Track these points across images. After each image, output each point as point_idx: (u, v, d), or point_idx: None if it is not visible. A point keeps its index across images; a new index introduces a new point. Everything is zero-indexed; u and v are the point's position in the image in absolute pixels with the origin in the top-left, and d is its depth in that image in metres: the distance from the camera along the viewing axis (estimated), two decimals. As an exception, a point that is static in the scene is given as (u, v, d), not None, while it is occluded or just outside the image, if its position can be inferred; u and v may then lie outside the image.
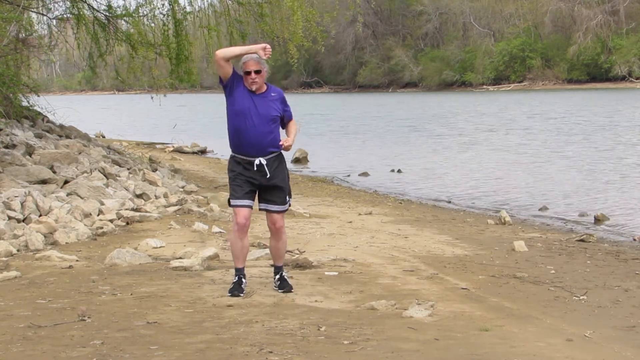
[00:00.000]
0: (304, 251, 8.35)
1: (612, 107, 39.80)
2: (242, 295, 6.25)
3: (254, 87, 6.22)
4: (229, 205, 6.37)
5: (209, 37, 15.72)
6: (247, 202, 6.25)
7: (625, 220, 11.88)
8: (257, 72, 6.18)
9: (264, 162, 6.20)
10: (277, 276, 6.48)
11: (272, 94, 6.33)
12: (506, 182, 16.51)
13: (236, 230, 6.29)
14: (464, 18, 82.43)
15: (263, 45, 6.27)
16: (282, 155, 6.40)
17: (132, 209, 10.57)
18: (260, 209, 6.46)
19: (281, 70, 77.50)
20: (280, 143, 6.28)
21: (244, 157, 6.23)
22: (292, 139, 6.37)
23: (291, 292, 6.37)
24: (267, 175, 6.21)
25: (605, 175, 16.89)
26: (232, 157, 6.35)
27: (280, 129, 6.44)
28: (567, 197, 14.31)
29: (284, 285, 6.42)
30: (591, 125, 29.89)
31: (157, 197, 11.67)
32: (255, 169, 6.21)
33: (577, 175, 17.10)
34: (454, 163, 20.40)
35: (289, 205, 6.50)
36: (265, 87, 6.31)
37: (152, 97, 17.27)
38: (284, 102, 6.41)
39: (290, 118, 6.47)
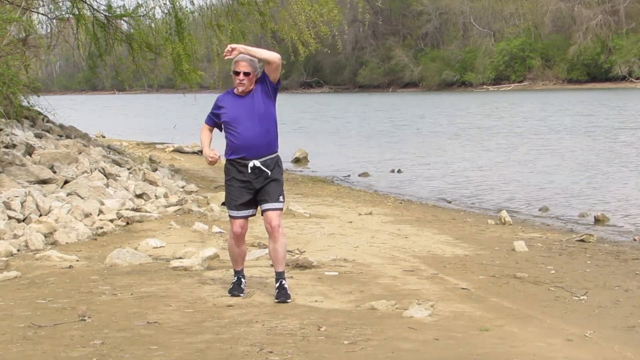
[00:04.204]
0: (304, 251, 8.35)
1: (612, 107, 39.79)
2: (242, 295, 6.24)
3: (240, 89, 6.07)
4: (224, 205, 6.35)
5: (220, 33, 15.73)
6: (243, 213, 6.15)
7: (625, 220, 11.88)
8: (247, 74, 6.03)
9: (257, 164, 6.05)
10: (277, 284, 6.20)
11: (256, 87, 6.12)
12: (506, 182, 16.51)
13: (232, 238, 6.27)
14: (464, 18, 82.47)
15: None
16: (279, 158, 6.25)
17: (132, 209, 10.57)
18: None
19: (282, 69, 77.34)
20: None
21: (239, 161, 6.10)
22: (251, 48, 6.12)
23: (286, 302, 6.07)
24: (267, 175, 6.07)
25: (605, 175, 16.89)
26: (227, 159, 6.24)
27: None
28: (567, 197, 14.31)
29: (280, 295, 6.11)
30: (591, 125, 29.89)
31: (157, 197, 11.67)
32: (249, 171, 6.06)
33: (577, 175, 17.09)
34: (454, 163, 20.39)
35: (282, 205, 6.32)
36: (251, 87, 6.13)
37: (184, 95, 17.76)
38: (264, 80, 6.13)
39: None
